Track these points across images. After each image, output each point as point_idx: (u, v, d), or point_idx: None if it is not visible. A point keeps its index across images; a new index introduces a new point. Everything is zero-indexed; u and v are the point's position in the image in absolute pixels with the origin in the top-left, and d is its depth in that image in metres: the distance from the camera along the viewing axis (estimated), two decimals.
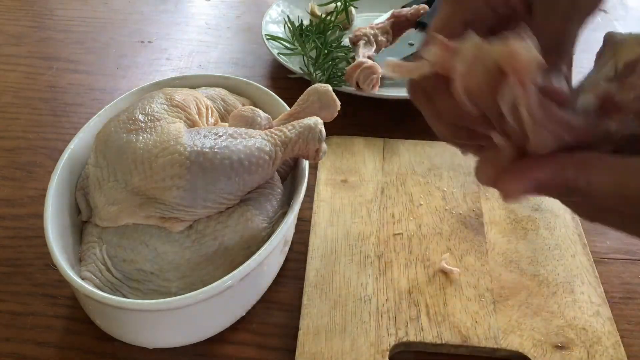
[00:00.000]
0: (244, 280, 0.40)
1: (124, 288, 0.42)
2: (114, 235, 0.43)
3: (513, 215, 0.54)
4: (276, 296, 0.48)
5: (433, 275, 0.48)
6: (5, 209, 0.55)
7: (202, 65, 0.78)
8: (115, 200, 0.42)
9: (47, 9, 0.90)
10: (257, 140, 0.44)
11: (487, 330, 0.44)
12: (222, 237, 0.43)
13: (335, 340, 0.43)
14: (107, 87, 0.73)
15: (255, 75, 0.75)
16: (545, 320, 0.45)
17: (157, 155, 0.41)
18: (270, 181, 0.47)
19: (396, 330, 0.44)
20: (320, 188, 0.56)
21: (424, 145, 0.61)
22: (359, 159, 0.60)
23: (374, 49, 0.71)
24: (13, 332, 0.45)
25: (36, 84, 0.73)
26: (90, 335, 0.45)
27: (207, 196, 0.41)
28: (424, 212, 0.54)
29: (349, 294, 0.47)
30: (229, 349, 0.44)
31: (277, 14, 0.81)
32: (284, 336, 0.45)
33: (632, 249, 0.53)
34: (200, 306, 0.39)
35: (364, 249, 0.50)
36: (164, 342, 0.43)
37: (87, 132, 0.49)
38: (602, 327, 0.45)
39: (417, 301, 0.46)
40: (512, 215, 0.54)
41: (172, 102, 0.46)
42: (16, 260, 0.50)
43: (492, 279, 0.48)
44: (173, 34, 0.85)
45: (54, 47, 0.81)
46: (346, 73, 0.65)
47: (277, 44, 0.74)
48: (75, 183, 0.47)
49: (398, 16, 0.75)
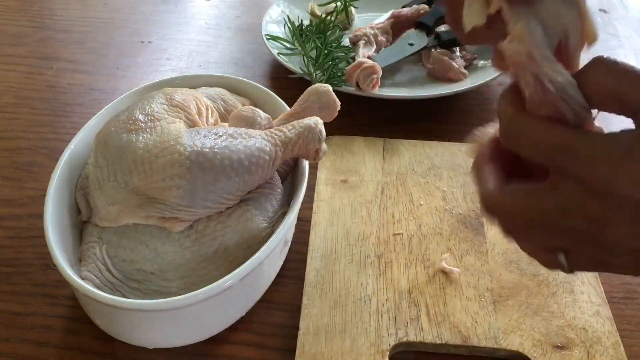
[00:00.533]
0: (244, 280, 0.40)
1: (124, 288, 0.42)
2: (114, 235, 0.43)
3: None
4: (276, 296, 0.48)
5: (433, 275, 0.48)
6: (5, 209, 0.55)
7: (202, 65, 0.78)
8: (115, 200, 0.42)
9: (47, 9, 0.90)
10: (257, 140, 0.44)
11: (487, 330, 0.44)
12: (222, 237, 0.43)
13: (335, 340, 0.43)
14: (107, 87, 0.73)
15: (255, 75, 0.75)
16: (545, 320, 0.45)
17: (157, 155, 0.41)
18: (270, 181, 0.47)
19: (396, 330, 0.44)
20: (320, 188, 0.56)
21: (424, 145, 0.61)
22: (359, 159, 0.60)
23: (374, 49, 0.71)
24: (13, 332, 0.45)
25: (36, 84, 0.73)
26: (90, 335, 0.45)
27: (207, 196, 0.41)
28: (424, 212, 0.54)
29: (349, 294, 0.47)
30: (229, 349, 0.44)
31: (277, 14, 0.81)
32: (284, 336, 0.45)
33: None
34: (200, 306, 0.39)
35: (364, 249, 0.50)
36: (164, 342, 0.43)
37: (87, 132, 0.49)
38: (602, 327, 0.45)
39: (417, 301, 0.46)
40: None
41: (172, 102, 0.46)
42: (16, 260, 0.50)
43: (492, 279, 0.48)
44: (173, 34, 0.85)
45: (54, 47, 0.81)
46: (346, 73, 0.65)
47: (277, 44, 0.74)
48: (75, 183, 0.47)
49: (398, 16, 0.75)
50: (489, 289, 0.47)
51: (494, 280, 0.48)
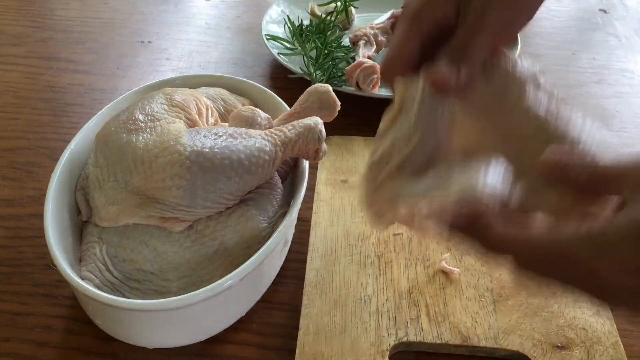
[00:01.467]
0: (244, 280, 0.40)
1: (124, 288, 0.42)
2: (114, 235, 0.43)
3: None
4: (276, 296, 0.48)
5: (433, 275, 0.48)
6: (5, 209, 0.55)
7: (202, 65, 0.78)
8: (115, 200, 0.42)
9: (47, 9, 0.90)
10: (257, 140, 0.44)
11: (487, 330, 0.44)
12: (222, 237, 0.43)
13: (335, 340, 0.43)
14: (107, 87, 0.73)
15: (255, 75, 0.75)
16: (545, 320, 0.45)
17: (157, 155, 0.41)
18: (270, 181, 0.47)
19: (396, 330, 0.44)
20: (320, 188, 0.56)
21: None
22: (359, 159, 0.60)
23: (374, 49, 0.71)
24: (13, 332, 0.45)
25: (36, 84, 0.73)
26: (90, 335, 0.45)
27: (207, 196, 0.41)
28: None
29: (349, 294, 0.47)
30: (229, 349, 0.44)
31: (277, 14, 0.81)
32: (284, 336, 0.45)
33: None
34: (200, 306, 0.39)
35: (364, 249, 0.50)
36: (164, 342, 0.43)
37: (87, 132, 0.49)
38: (602, 327, 0.45)
39: (417, 301, 0.46)
40: None
41: (172, 102, 0.46)
42: (16, 260, 0.50)
43: (492, 279, 0.48)
44: (173, 34, 0.85)
45: (54, 47, 0.81)
46: (346, 73, 0.65)
47: (277, 44, 0.74)
48: (75, 183, 0.47)
49: (398, 16, 0.75)
50: (489, 289, 0.47)
51: (494, 280, 0.48)
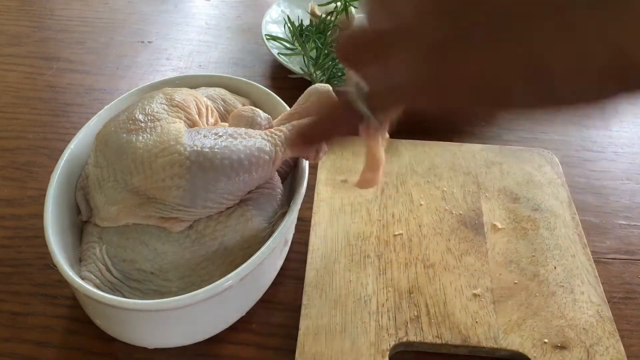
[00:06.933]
0: (244, 280, 0.40)
1: (124, 288, 0.42)
2: (114, 235, 0.43)
3: (513, 215, 0.54)
4: (276, 296, 0.48)
5: (433, 275, 0.48)
6: (5, 209, 0.55)
7: (202, 65, 0.78)
8: (115, 200, 0.42)
9: (47, 9, 0.90)
10: (257, 140, 0.44)
11: (487, 330, 0.44)
12: (222, 237, 0.43)
13: (335, 340, 0.43)
14: (107, 87, 0.73)
15: (255, 75, 0.75)
16: (545, 320, 0.45)
17: (157, 155, 0.40)
18: (270, 181, 0.47)
19: (396, 330, 0.44)
20: (320, 188, 0.56)
21: (424, 145, 0.61)
22: (359, 159, 0.60)
23: None
24: (13, 332, 0.45)
25: (36, 84, 0.73)
26: (90, 335, 0.45)
27: (207, 196, 0.41)
28: (424, 212, 0.54)
29: (349, 294, 0.47)
30: (229, 349, 0.44)
31: (277, 14, 0.81)
32: (284, 336, 0.45)
33: (632, 249, 0.54)
34: (200, 306, 0.39)
35: (364, 249, 0.50)
36: (164, 342, 0.43)
37: (87, 132, 0.49)
38: (602, 327, 0.45)
39: (417, 301, 0.46)
40: (512, 215, 0.54)
41: (172, 102, 0.46)
42: (16, 260, 0.50)
43: (492, 279, 0.48)
44: (173, 34, 0.85)
45: (54, 47, 0.81)
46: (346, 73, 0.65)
47: (277, 44, 0.74)
48: (75, 183, 0.47)
49: None
50: (489, 289, 0.47)
51: (494, 280, 0.48)
